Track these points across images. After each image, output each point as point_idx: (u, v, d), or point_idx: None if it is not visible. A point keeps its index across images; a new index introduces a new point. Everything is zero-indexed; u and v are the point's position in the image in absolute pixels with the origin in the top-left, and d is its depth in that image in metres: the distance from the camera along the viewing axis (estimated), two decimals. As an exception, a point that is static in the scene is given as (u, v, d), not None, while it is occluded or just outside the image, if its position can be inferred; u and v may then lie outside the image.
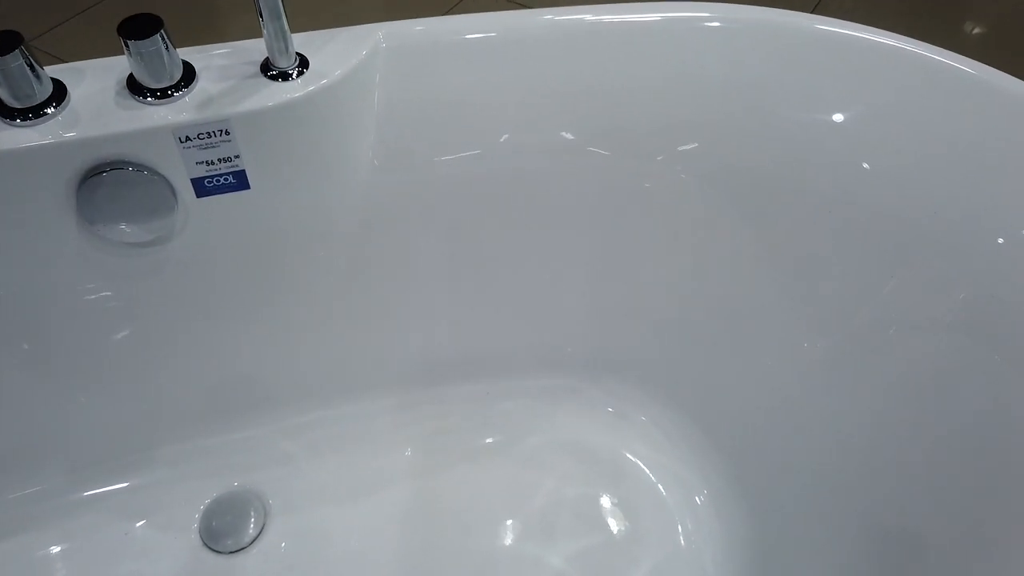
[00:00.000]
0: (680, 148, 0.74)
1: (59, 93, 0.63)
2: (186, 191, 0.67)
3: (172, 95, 0.63)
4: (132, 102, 0.63)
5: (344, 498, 0.82)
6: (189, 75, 0.65)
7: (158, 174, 0.65)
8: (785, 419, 0.76)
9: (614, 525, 0.80)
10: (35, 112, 0.62)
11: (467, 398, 0.87)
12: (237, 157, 0.66)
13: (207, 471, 0.83)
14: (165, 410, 0.83)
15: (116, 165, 0.64)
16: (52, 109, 0.62)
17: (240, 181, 0.68)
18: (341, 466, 0.84)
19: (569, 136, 0.73)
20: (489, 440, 0.86)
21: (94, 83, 0.64)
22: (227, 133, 0.64)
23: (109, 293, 0.71)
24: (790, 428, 0.75)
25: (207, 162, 0.66)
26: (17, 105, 0.61)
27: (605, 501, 0.81)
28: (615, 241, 0.81)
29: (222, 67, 0.66)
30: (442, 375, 0.87)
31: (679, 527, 0.78)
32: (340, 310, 0.79)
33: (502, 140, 0.73)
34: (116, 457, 0.83)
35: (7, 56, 0.59)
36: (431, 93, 0.71)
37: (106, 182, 0.64)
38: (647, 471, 0.83)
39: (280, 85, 0.65)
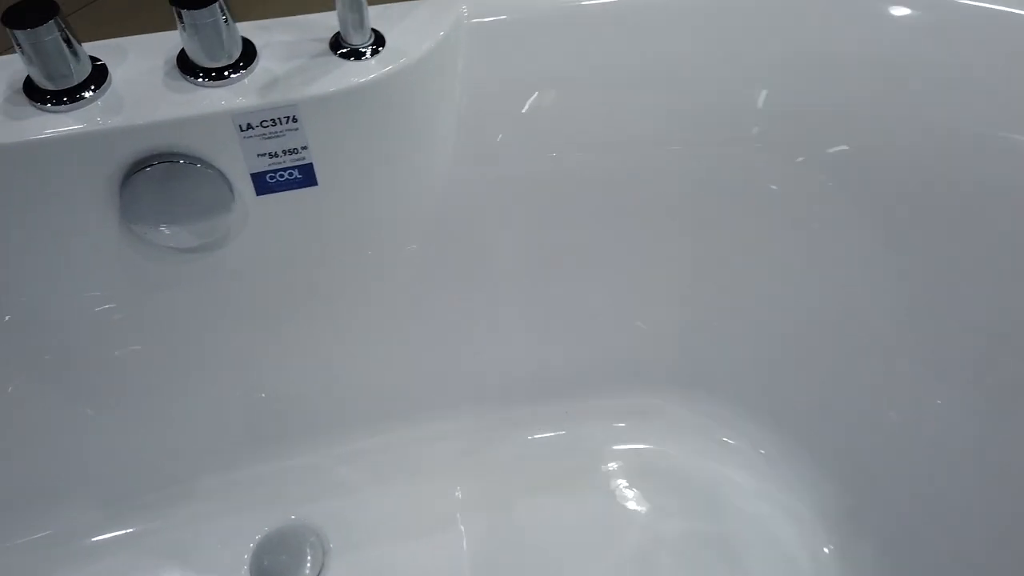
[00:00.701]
0: (813, 143, 0.65)
1: (99, 74, 0.54)
2: (245, 188, 0.58)
3: (230, 76, 0.55)
4: (184, 84, 0.54)
5: (412, 533, 0.73)
6: (249, 53, 0.55)
7: (213, 168, 0.56)
8: (918, 445, 0.67)
9: (722, 568, 0.71)
10: (71, 95, 0.53)
11: (544, 419, 0.78)
12: (304, 148, 0.57)
13: (255, 503, 0.74)
14: (206, 435, 0.74)
15: (165, 157, 0.54)
16: (91, 92, 0.53)
17: (306, 176, 0.59)
18: (407, 497, 0.75)
19: (676, 128, 0.64)
20: (570, 466, 0.77)
21: (139, 62, 0.55)
22: (294, 120, 0.56)
23: (148, 305, 0.62)
24: (924, 454, 0.66)
25: (270, 154, 0.57)
26: (50, 87, 0.52)
27: (708, 538, 0.72)
28: (714, 246, 0.71)
29: (286, 44, 0.57)
30: (517, 394, 0.78)
31: (796, 570, 0.69)
32: (407, 323, 0.70)
33: (601, 131, 0.64)
34: (150, 490, 0.74)
35: (40, 28, 0.50)
36: (520, 75, 0.61)
37: (153, 177, 0.55)
38: (752, 502, 0.74)
39: (353, 65, 0.56)
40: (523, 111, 0.63)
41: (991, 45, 0.59)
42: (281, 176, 0.58)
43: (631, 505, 0.75)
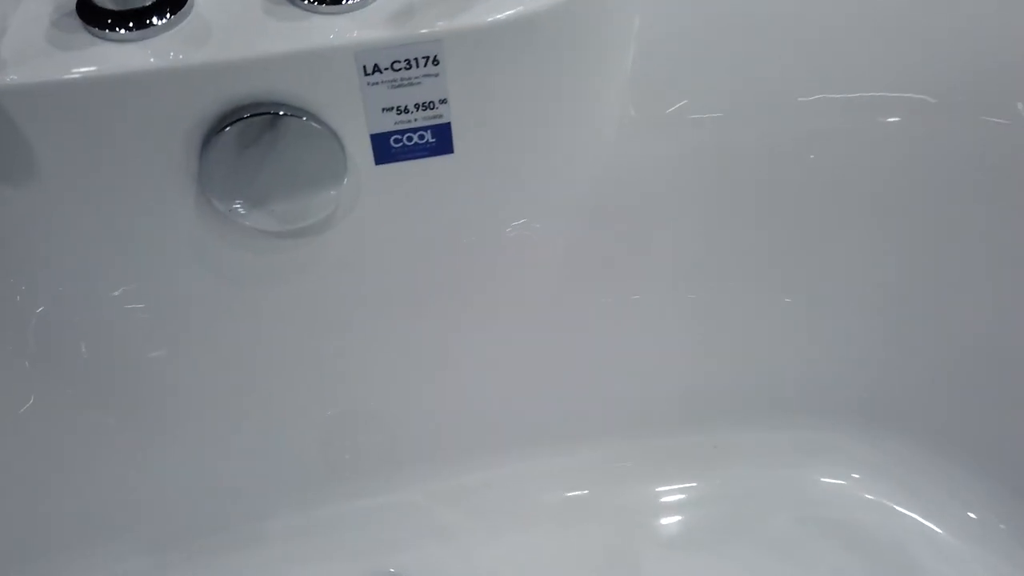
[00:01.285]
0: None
1: (178, -7, 0.41)
2: (361, 154, 0.44)
3: (351, 1, 0.41)
4: (291, 9, 0.40)
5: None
6: (376, -29, 0.43)
7: (324, 125, 0.42)
8: None
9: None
10: (139, 19, 0.39)
11: (688, 454, 0.64)
12: (443, 103, 0.43)
13: (340, 551, 0.60)
14: (279, 466, 0.60)
15: (262, 108, 0.41)
16: (167, 17, 0.40)
17: (441, 141, 0.45)
18: (523, 546, 0.61)
19: (923, 96, 0.50)
20: (722, 516, 0.63)
21: (230, -21, 0.42)
22: (435, 62, 0.42)
23: (223, 303, 0.48)
24: None
25: (398, 108, 0.43)
26: (113, 6, 0.39)
27: (904, 613, 0.58)
28: (937, 251, 0.57)
29: (424, -40, 0.44)
30: (657, 422, 0.63)
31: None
32: (543, 333, 0.56)
33: (816, 98, 0.50)
34: (212, 531, 0.60)
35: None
36: (724, 16, 0.48)
37: (244, 135, 0.41)
38: (954, 566, 0.60)
39: (513, -9, 0.43)
40: (714, 66, 0.49)
41: None
42: (409, 139, 0.44)
43: (798, 566, 0.61)
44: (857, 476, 0.64)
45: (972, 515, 0.59)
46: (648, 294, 0.59)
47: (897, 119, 0.52)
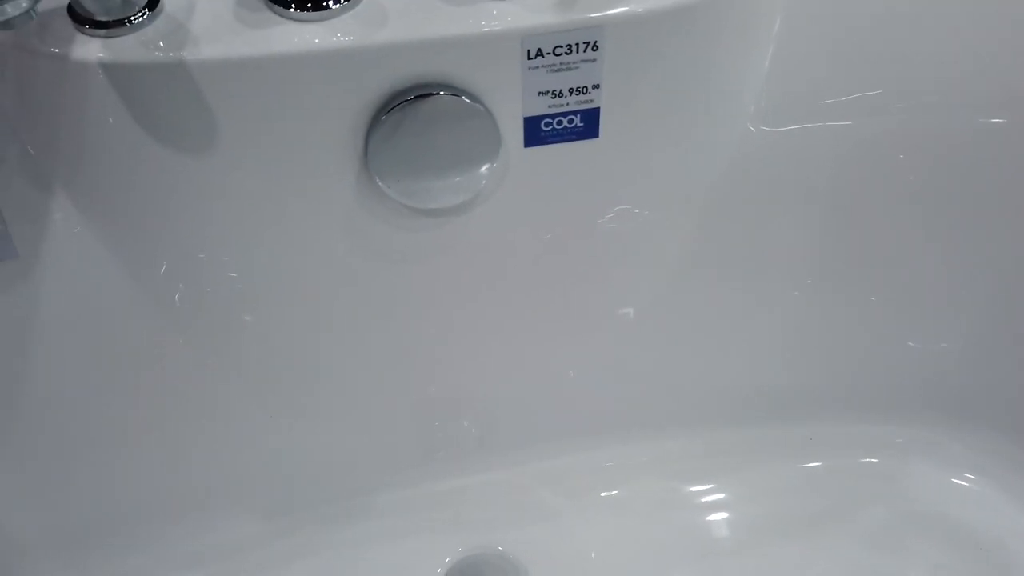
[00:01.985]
0: None
1: (354, -25, 0.43)
2: (512, 136, 0.45)
3: (518, -15, 0.43)
4: (459, -6, 0.43)
5: (640, 566, 0.60)
6: (540, -41, 0.44)
7: (483, 106, 0.44)
8: None
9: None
10: (319, 1, 0.42)
11: (782, 443, 0.65)
12: (595, 88, 0.45)
13: (442, 526, 0.62)
14: (393, 442, 0.62)
15: (429, 88, 0.43)
16: (342, 2, 0.42)
17: (588, 125, 0.46)
18: (623, 529, 0.62)
19: None
20: (817, 506, 0.64)
21: (402, -35, 0.44)
22: (594, 48, 0.43)
23: (363, 280, 0.50)
24: None
25: (553, 93, 0.45)
26: (299, -13, 0.41)
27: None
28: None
29: (584, -49, 0.45)
30: (755, 413, 0.65)
31: None
32: (661, 318, 0.57)
33: (944, 98, 0.51)
34: (319, 503, 0.62)
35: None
36: (864, 16, 0.49)
37: (410, 115, 0.42)
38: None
39: (670, -19, 0.44)
40: (850, 66, 0.50)
41: None
42: (559, 123, 0.46)
43: (897, 561, 0.61)
44: (953, 472, 0.65)
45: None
46: (756, 289, 0.60)
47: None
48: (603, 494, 0.65)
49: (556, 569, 0.61)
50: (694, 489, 0.65)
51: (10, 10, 0.30)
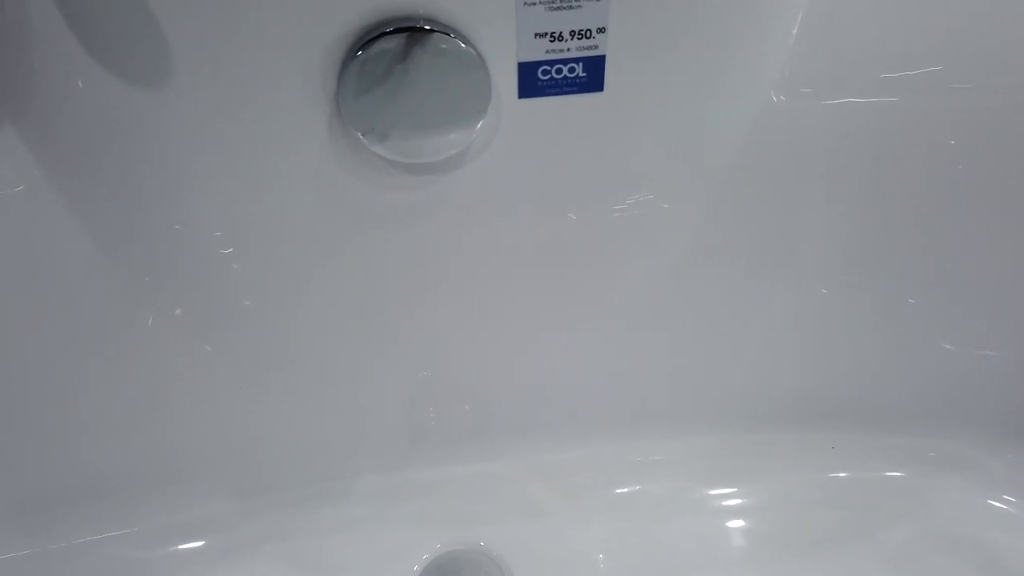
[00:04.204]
0: None
1: None
2: (505, 84, 0.41)
3: (516, -89, 0.39)
4: (450, -81, 0.39)
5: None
6: None
7: (472, 46, 0.40)
8: None
9: None
10: None
11: (805, 452, 0.59)
12: (601, 32, 0.40)
13: (425, 516, 0.58)
14: (375, 423, 0.58)
15: (409, 21, 0.39)
16: None
17: (592, 76, 0.42)
18: (617, 532, 0.58)
19: None
20: (837, 518, 0.59)
21: None
22: (598, -14, 0.39)
23: (339, 246, 0.46)
24: None
25: (552, 35, 0.40)
26: (269, -99, 0.37)
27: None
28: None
29: None
30: (774, 415, 0.60)
31: None
32: (650, 311, 0.53)
33: (970, 84, 0.45)
34: (295, 485, 0.58)
35: None
36: None
37: (388, 52, 0.38)
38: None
39: (689, -86, 0.39)
40: (888, 35, 0.44)
41: None
42: (559, 71, 0.41)
43: (913, 571, 0.56)
44: (989, 492, 0.59)
45: None
46: (776, 280, 0.55)
47: None
48: (601, 493, 0.60)
49: (543, 570, 0.56)
50: (700, 493, 0.60)
51: None
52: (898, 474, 0.60)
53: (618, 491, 0.58)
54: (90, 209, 0.43)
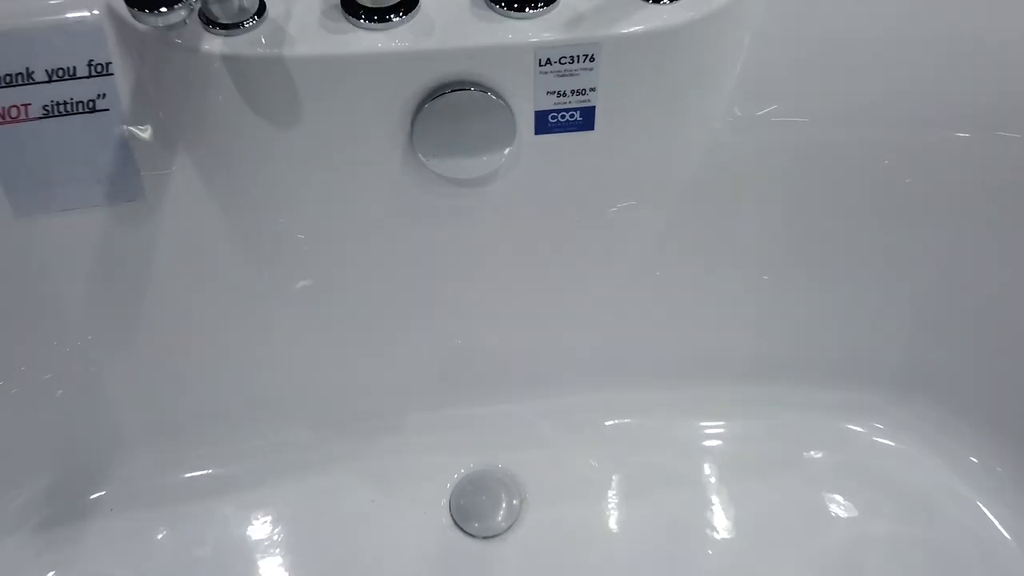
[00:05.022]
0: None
1: (411, -3, 0.56)
2: (525, 125, 0.58)
3: (535, 9, 0.55)
4: (489, 13, 0.54)
5: (617, 495, 0.72)
6: (553, -11, 0.56)
7: (503, 100, 0.56)
8: None
9: (937, 571, 0.68)
10: (382, 15, 0.54)
11: (752, 403, 0.76)
12: (592, 91, 0.57)
13: (460, 444, 0.74)
14: (421, 372, 0.75)
15: (462, 85, 0.55)
16: (400, 16, 0.54)
17: (586, 120, 0.58)
18: (608, 457, 0.74)
19: (970, 113, 0.61)
20: (775, 454, 0.75)
21: (447, -11, 0.56)
22: (591, 59, 0.55)
23: (410, 233, 0.64)
24: None
25: (558, 93, 0.57)
26: (370, 4, 0.54)
27: (922, 545, 0.69)
28: (972, 246, 0.68)
29: (589, -17, 0.57)
30: (727, 374, 0.76)
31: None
32: (632, 292, 0.69)
33: (887, 109, 0.61)
34: (357, 419, 0.75)
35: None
36: (815, 37, 0.60)
37: (447, 104, 0.55)
38: (976, 516, 0.70)
39: (656, 8, 0.55)
40: (806, 78, 0.61)
41: None
42: (563, 117, 0.58)
43: (838, 500, 0.72)
44: (890, 431, 0.75)
45: (976, 460, 0.71)
46: (727, 270, 0.71)
47: (962, 134, 0.63)
48: (596, 427, 0.77)
49: (548, 484, 0.73)
50: (673, 432, 0.77)
51: (173, 18, 0.43)
52: (823, 418, 0.77)
53: (608, 423, 0.76)
54: (233, 208, 0.60)
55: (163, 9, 0.45)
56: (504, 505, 0.72)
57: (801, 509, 0.72)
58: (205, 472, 0.73)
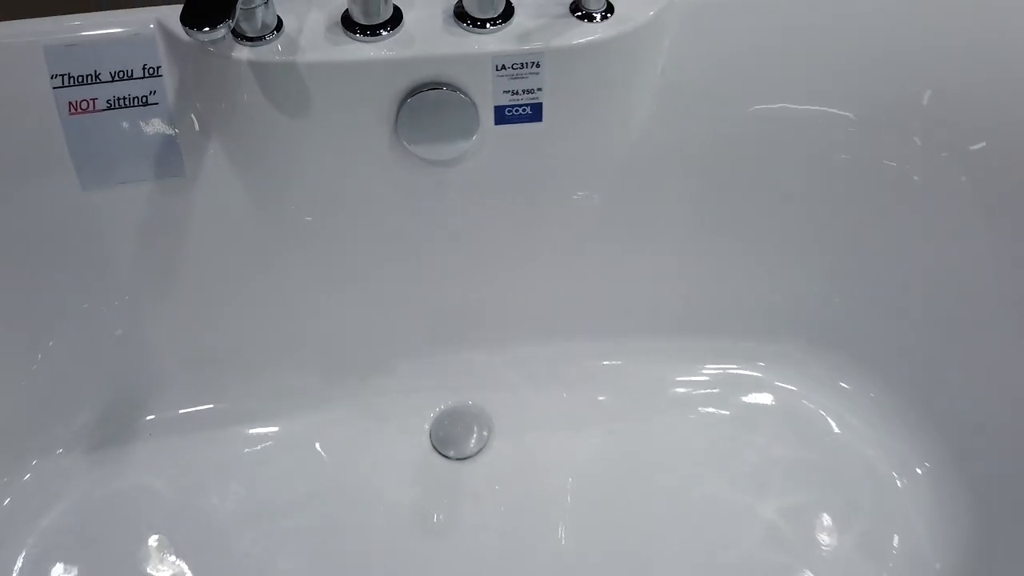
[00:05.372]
0: (959, 143, 0.75)
1: (396, 15, 0.70)
2: (487, 117, 0.72)
3: (494, 26, 0.69)
4: (458, 29, 0.69)
5: (562, 429, 0.87)
6: (509, 10, 0.70)
7: (468, 97, 0.70)
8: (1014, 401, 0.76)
9: (828, 491, 0.81)
10: (373, 30, 0.69)
11: (679, 349, 0.90)
12: (539, 90, 0.71)
13: (441, 385, 0.89)
14: (407, 323, 0.89)
15: (436, 85, 0.70)
16: (387, 31, 0.69)
17: (535, 113, 0.73)
18: (563, 400, 0.89)
19: (842, 113, 0.76)
20: (701, 391, 0.90)
21: (424, 10, 0.70)
22: (537, 66, 0.69)
23: (397, 205, 0.78)
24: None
25: (512, 91, 0.71)
26: (364, 21, 0.68)
27: (820, 468, 0.83)
28: (855, 220, 0.82)
29: (537, 5, 0.71)
30: (661, 326, 0.90)
31: (898, 506, 0.80)
32: (579, 259, 0.84)
33: (777, 109, 0.76)
34: (356, 364, 0.90)
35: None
36: (721, 46, 0.74)
37: (425, 100, 0.70)
38: (862, 441, 0.85)
39: (588, 26, 0.70)
40: (715, 78, 0.75)
41: None
42: (516, 111, 0.72)
43: (750, 430, 0.87)
44: (798, 374, 0.89)
45: (872, 395, 0.86)
46: (659, 239, 0.85)
47: (848, 129, 0.78)
48: (548, 374, 0.91)
49: (510, 419, 0.87)
50: (618, 377, 0.91)
51: (216, 35, 0.57)
52: (743, 364, 0.91)
53: (561, 370, 0.90)
54: (255, 184, 0.75)
55: (207, 28, 0.59)
56: (475, 434, 0.87)
57: (723, 437, 0.87)
58: (227, 404, 0.88)
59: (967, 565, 0.72)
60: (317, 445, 0.86)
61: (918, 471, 0.82)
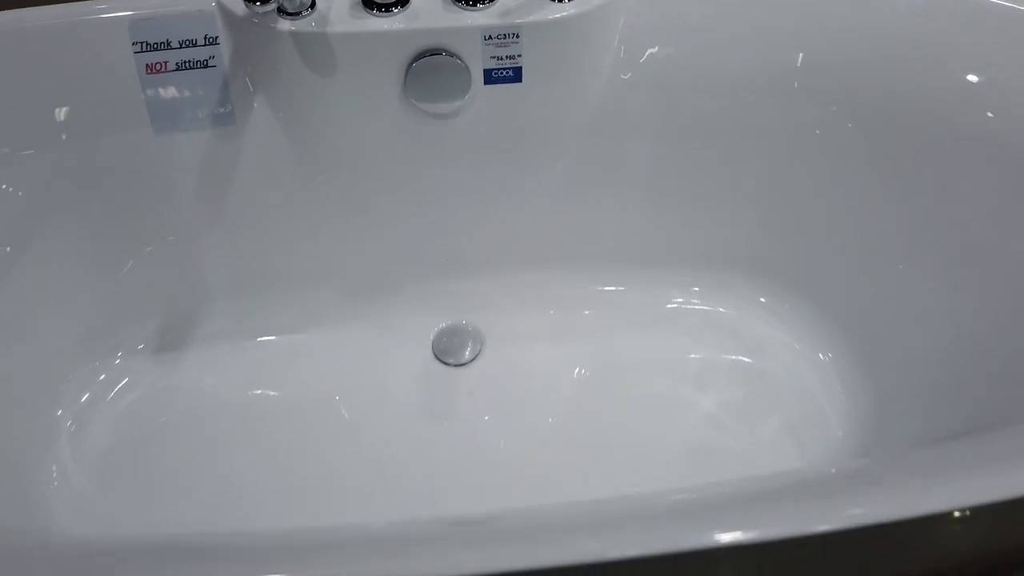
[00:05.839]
0: (848, 98, 0.93)
1: (405, -3, 0.88)
2: (478, 78, 0.90)
3: (483, 5, 0.86)
4: (454, 8, 0.87)
5: (544, 340, 1.04)
6: (495, -8, 0.88)
7: (463, 62, 0.88)
8: (911, 315, 0.93)
9: (756, 385, 0.99)
10: (387, 8, 0.86)
11: (640, 280, 1.08)
12: (519, 56, 0.89)
13: (436, 309, 1.07)
14: (414, 253, 1.06)
15: (436, 51, 0.87)
16: (398, 9, 0.86)
17: (516, 75, 0.90)
18: (544, 319, 1.06)
19: (752, 79, 0.94)
20: (656, 313, 1.07)
21: (428, -8, 0.89)
22: (517, 37, 0.87)
23: (406, 152, 0.96)
24: (915, 321, 0.93)
25: (497, 58, 0.89)
26: (379, 1, 0.86)
27: (750, 368, 1.01)
28: (783, 171, 1.00)
29: (517, -12, 0.89)
30: (623, 261, 1.08)
31: (810, 391, 0.97)
32: (563, 194, 1.02)
33: (710, 78, 0.94)
34: (370, 287, 1.08)
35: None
36: (669, 22, 0.92)
37: (427, 64, 0.88)
38: (786, 346, 1.02)
39: (558, 5, 0.87)
40: (665, 47, 0.93)
41: (980, 29, 0.85)
42: (501, 73, 0.90)
43: (696, 341, 1.04)
44: (741, 299, 1.07)
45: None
46: (623, 184, 1.03)
47: (756, 96, 0.95)
48: (534, 298, 1.09)
49: (500, 334, 1.05)
50: (589, 298, 1.08)
51: (268, 8, 0.74)
52: (700, 290, 1.08)
53: (543, 294, 1.07)
54: (292, 133, 0.92)
55: (258, 4, 0.77)
56: (470, 346, 1.05)
57: (675, 346, 1.05)
58: (265, 318, 1.06)
59: (864, 432, 0.90)
60: (334, 355, 1.04)
61: (824, 359, 1.00)
